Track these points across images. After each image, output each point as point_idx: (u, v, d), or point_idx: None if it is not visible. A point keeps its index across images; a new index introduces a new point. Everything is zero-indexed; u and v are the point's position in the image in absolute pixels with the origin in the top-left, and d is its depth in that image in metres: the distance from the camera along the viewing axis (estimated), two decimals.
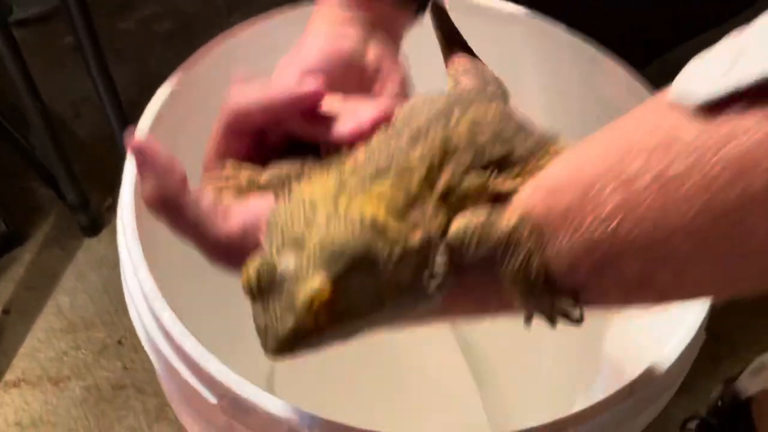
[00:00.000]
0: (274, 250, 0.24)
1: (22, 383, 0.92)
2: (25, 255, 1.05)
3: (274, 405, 0.35)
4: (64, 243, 1.07)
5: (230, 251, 0.28)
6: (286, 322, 0.23)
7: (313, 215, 0.24)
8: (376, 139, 0.29)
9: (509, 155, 0.28)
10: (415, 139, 0.27)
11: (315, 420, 0.33)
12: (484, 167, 0.27)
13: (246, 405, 0.35)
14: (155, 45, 1.37)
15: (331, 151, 0.30)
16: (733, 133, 0.20)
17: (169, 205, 0.29)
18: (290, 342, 0.24)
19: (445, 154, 0.27)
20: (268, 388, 0.72)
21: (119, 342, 0.97)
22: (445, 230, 0.26)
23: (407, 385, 0.76)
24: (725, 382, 0.86)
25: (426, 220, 0.26)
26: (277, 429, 0.35)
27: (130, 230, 0.43)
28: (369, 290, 0.24)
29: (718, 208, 0.21)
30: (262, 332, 0.24)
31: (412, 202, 0.26)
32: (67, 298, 1.01)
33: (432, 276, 0.25)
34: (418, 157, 0.27)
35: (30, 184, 1.14)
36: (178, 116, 0.52)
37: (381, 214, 0.25)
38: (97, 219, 1.08)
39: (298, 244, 0.24)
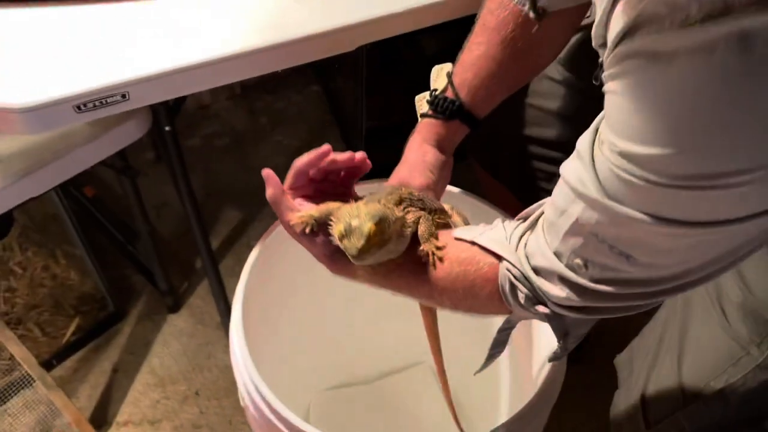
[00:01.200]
0: (347, 218, 0.52)
1: (129, 423, 1.28)
2: (126, 327, 1.42)
3: None
4: (153, 317, 1.43)
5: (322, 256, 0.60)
6: (360, 241, 0.51)
7: (357, 209, 0.53)
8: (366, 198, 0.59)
9: (425, 205, 0.60)
10: (387, 192, 0.60)
11: None
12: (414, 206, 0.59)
13: None
14: (215, 157, 1.75)
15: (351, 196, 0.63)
16: (459, 249, 0.55)
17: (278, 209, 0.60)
18: (363, 251, 0.51)
19: (400, 199, 0.59)
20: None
21: (197, 393, 1.32)
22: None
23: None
24: None
25: (402, 218, 0.56)
26: None
27: (240, 339, 0.76)
28: (386, 232, 0.53)
29: (452, 271, 0.55)
30: (348, 251, 0.52)
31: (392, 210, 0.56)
32: (157, 360, 1.37)
33: (406, 227, 0.56)
34: (389, 201, 0.58)
35: (124, 271, 1.51)
36: (265, 267, 0.87)
37: (386, 205, 0.56)
38: (177, 299, 1.44)
39: (355, 216, 0.53)
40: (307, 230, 0.57)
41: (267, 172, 0.59)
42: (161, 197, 1.64)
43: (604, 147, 0.39)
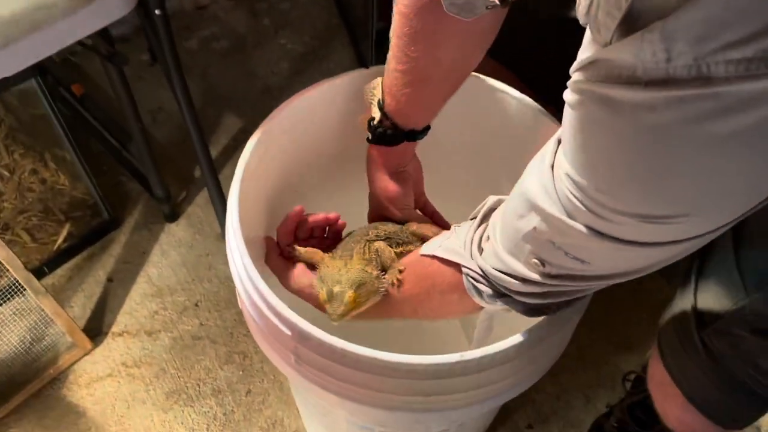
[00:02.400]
0: (330, 285, 0.63)
1: (125, 334, 1.22)
2: (121, 236, 1.35)
3: (322, 334, 0.62)
4: (150, 226, 1.36)
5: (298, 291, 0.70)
6: (341, 308, 0.62)
7: (339, 273, 0.64)
8: (342, 243, 0.70)
9: (397, 238, 0.70)
10: (356, 240, 0.69)
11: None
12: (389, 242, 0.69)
13: (306, 334, 0.62)
14: (214, 61, 1.64)
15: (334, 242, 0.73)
16: (423, 264, 0.62)
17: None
18: (342, 315, 0.62)
19: (369, 241, 0.69)
20: None
21: (196, 305, 1.26)
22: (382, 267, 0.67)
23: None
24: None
25: (372, 266, 0.66)
26: (325, 349, 0.61)
27: (236, 232, 0.68)
28: (364, 295, 0.63)
29: (416, 285, 0.64)
30: (330, 316, 0.63)
31: (366, 262, 0.66)
32: (155, 270, 1.30)
33: (381, 283, 0.65)
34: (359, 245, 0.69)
35: (119, 178, 1.43)
36: (265, 156, 0.78)
37: (361, 266, 0.65)
38: (175, 209, 1.36)
39: (336, 281, 0.63)
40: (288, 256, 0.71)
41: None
42: (156, 101, 1.54)
43: (558, 166, 0.41)
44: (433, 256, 0.59)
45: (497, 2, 0.51)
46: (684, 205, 0.34)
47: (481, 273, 0.54)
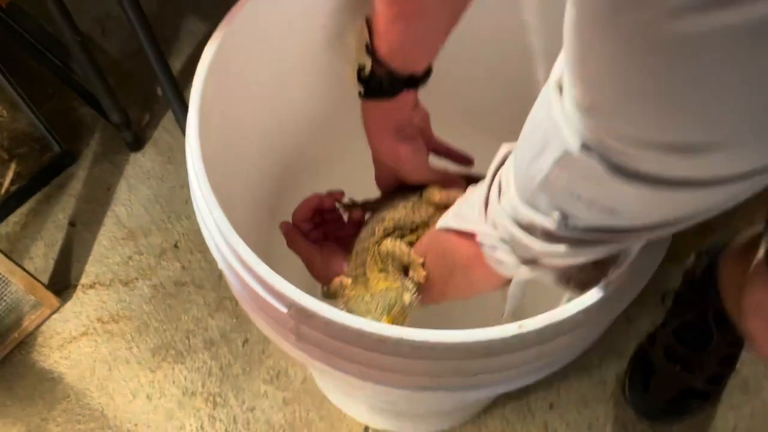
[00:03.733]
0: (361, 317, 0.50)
1: (97, 285, 1.06)
2: (79, 171, 1.16)
3: (327, 309, 0.45)
4: (112, 158, 1.17)
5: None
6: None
7: (366, 304, 0.54)
8: (354, 252, 0.60)
9: (409, 223, 0.59)
10: (365, 248, 0.59)
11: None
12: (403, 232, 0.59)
13: (307, 312, 0.46)
14: None
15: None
16: (439, 240, 0.52)
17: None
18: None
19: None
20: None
21: (175, 246, 1.09)
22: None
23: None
24: (698, 253, 0.95)
25: (393, 275, 0.56)
26: (331, 327, 0.46)
27: (203, 184, 0.50)
28: (399, 313, 0.53)
29: (438, 264, 0.53)
30: None
31: (384, 276, 0.56)
32: (123, 209, 1.12)
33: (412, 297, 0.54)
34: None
35: (71, 103, 1.22)
36: (226, 66, 0.59)
37: (384, 285, 0.55)
38: (139, 135, 1.17)
39: (367, 311, 0.53)
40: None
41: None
42: (103, 7, 1.31)
43: (566, 91, 0.33)
44: (448, 229, 0.51)
45: None
46: (711, 127, 0.27)
47: (499, 238, 0.44)
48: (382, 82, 0.56)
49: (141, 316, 1.04)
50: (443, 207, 0.57)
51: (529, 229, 0.41)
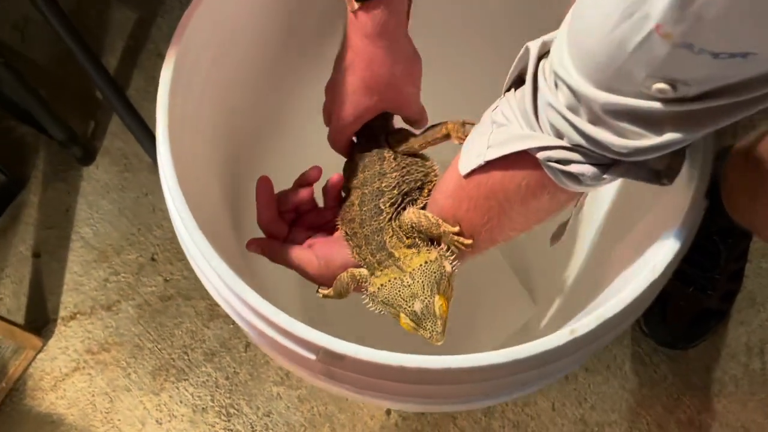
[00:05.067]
0: (405, 305, 0.46)
1: (77, 315, 1.00)
2: (31, 197, 1.07)
3: (360, 350, 0.41)
4: (64, 177, 1.08)
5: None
6: (438, 323, 0.46)
7: (403, 282, 0.47)
8: (355, 237, 0.52)
9: (411, 181, 0.53)
10: (375, 228, 0.51)
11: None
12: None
13: (337, 354, 0.42)
14: None
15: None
16: (475, 185, 0.44)
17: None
18: (444, 328, 0.46)
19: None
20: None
21: (152, 259, 1.03)
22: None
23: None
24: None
25: (424, 246, 0.50)
26: (366, 368, 0.42)
27: (198, 239, 0.44)
28: (447, 287, 0.48)
29: (479, 214, 0.45)
30: (432, 340, 0.46)
31: (415, 250, 0.50)
32: (88, 229, 1.05)
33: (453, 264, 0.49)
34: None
35: (7, 124, 1.12)
36: (184, 83, 0.52)
37: (420, 260, 0.48)
38: (87, 147, 1.08)
39: (412, 296, 0.46)
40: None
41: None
42: (18, 10, 1.18)
43: None
44: (486, 164, 0.42)
45: None
46: None
47: (571, 146, 0.37)
48: None
49: (132, 340, 0.98)
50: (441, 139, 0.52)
51: (613, 119, 0.33)
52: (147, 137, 1.01)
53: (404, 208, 0.51)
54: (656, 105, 0.31)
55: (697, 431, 0.91)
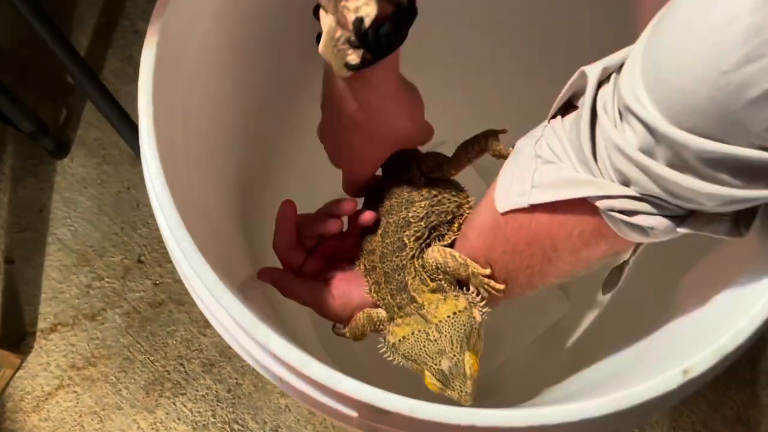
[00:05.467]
0: (431, 363, 0.41)
1: (58, 327, 0.90)
2: (0, 196, 0.96)
3: (409, 404, 0.32)
4: (35, 172, 0.97)
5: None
6: (467, 383, 0.41)
7: (428, 338, 0.42)
8: (374, 273, 0.47)
9: (448, 214, 0.48)
10: (396, 266, 0.46)
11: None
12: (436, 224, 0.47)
13: (382, 411, 0.33)
14: None
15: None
16: (515, 227, 0.39)
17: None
18: (474, 388, 0.41)
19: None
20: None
21: (139, 260, 0.93)
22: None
23: None
24: None
25: (451, 294, 0.45)
26: (421, 426, 0.33)
27: (202, 270, 0.35)
28: (478, 343, 0.43)
29: (518, 258, 0.40)
30: (459, 397, 0.41)
31: (441, 297, 0.45)
32: (65, 230, 0.94)
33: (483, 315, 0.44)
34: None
35: None
36: (173, 58, 0.42)
37: (447, 310, 0.43)
38: (60, 138, 0.97)
39: (439, 352, 0.41)
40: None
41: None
42: None
43: None
44: (532, 207, 0.37)
45: None
46: None
47: (640, 195, 0.31)
48: (398, 24, 0.38)
49: (121, 352, 0.89)
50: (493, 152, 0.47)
51: (702, 170, 0.28)
52: (126, 125, 0.91)
53: (429, 245, 0.46)
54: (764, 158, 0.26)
55: (745, 428, 0.84)
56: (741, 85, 0.25)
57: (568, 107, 0.36)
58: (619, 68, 0.32)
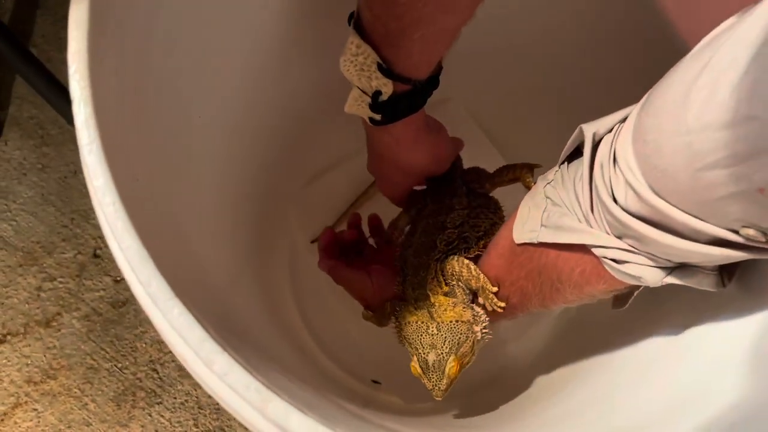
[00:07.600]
0: (422, 351, 0.47)
1: (8, 338, 0.79)
2: None
3: None
4: None
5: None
6: (443, 381, 0.47)
7: (428, 331, 0.48)
8: (406, 267, 0.52)
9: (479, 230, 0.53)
10: (423, 264, 0.51)
11: None
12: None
13: None
14: None
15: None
16: (528, 257, 0.44)
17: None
18: (447, 389, 0.47)
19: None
20: None
21: (95, 255, 0.81)
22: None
23: None
24: None
25: (461, 302, 0.49)
26: None
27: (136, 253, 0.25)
28: (467, 352, 0.48)
29: (531, 284, 0.45)
30: (433, 393, 0.47)
31: (452, 303, 0.49)
32: (6, 225, 0.82)
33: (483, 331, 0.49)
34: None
35: None
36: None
37: (453, 315, 0.48)
38: None
39: (431, 346, 0.47)
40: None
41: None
42: None
43: None
44: (541, 244, 0.41)
45: None
46: None
47: (630, 248, 0.35)
48: (412, 98, 0.47)
49: (84, 361, 0.78)
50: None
51: (686, 234, 0.31)
52: (64, 99, 0.78)
53: (454, 253, 0.50)
54: (742, 240, 0.29)
55: None
56: (710, 185, 0.27)
57: (577, 153, 0.39)
58: (619, 123, 0.34)
